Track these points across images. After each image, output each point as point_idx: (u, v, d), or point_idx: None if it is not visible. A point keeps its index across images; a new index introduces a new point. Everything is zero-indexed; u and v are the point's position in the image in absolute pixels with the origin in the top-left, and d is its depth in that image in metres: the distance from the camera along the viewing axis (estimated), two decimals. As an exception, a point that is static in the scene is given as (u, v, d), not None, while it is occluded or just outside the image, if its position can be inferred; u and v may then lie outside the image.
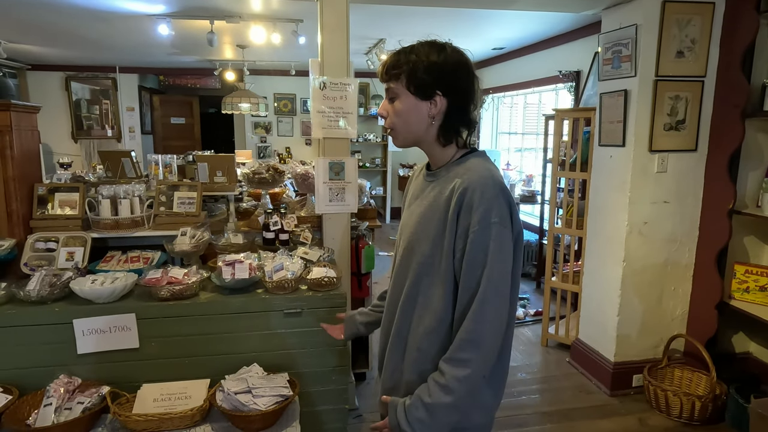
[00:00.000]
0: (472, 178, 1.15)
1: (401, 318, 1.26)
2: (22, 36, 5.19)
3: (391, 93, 1.23)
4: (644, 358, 3.13)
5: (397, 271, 1.29)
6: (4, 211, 2.30)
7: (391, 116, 1.24)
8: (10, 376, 1.95)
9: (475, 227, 1.12)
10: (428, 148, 1.27)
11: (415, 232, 1.23)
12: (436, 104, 1.19)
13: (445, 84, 1.18)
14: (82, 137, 7.68)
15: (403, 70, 1.18)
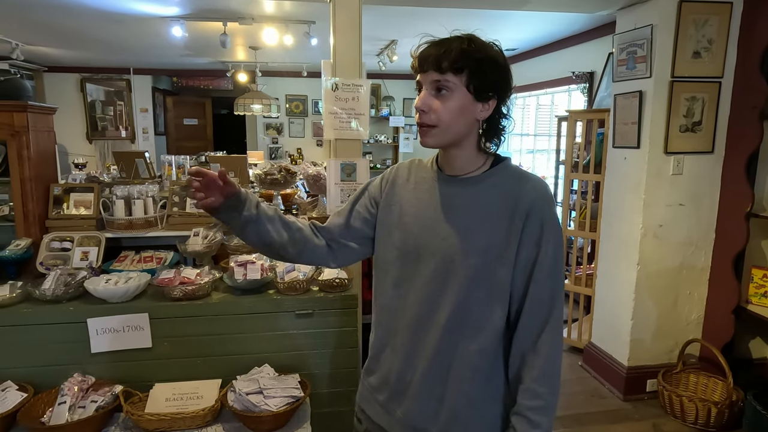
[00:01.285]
0: (538, 188, 1.11)
1: (445, 340, 1.12)
2: (39, 38, 5.27)
3: (441, 85, 1.07)
4: (658, 362, 3.09)
5: (419, 286, 1.15)
6: (20, 210, 2.33)
7: (437, 112, 1.08)
8: (26, 374, 1.97)
9: (548, 237, 1.09)
10: (460, 151, 1.14)
11: (458, 243, 1.10)
12: (488, 107, 1.10)
13: (501, 87, 1.11)
14: (97, 138, 7.78)
15: (469, 64, 1.05)
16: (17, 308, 2.01)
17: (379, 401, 1.24)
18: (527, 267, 1.10)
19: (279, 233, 1.23)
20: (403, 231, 1.19)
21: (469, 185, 1.15)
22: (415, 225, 1.18)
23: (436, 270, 1.12)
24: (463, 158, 1.15)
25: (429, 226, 1.15)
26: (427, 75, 1.08)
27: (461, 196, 1.14)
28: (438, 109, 1.08)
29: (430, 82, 1.08)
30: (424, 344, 1.15)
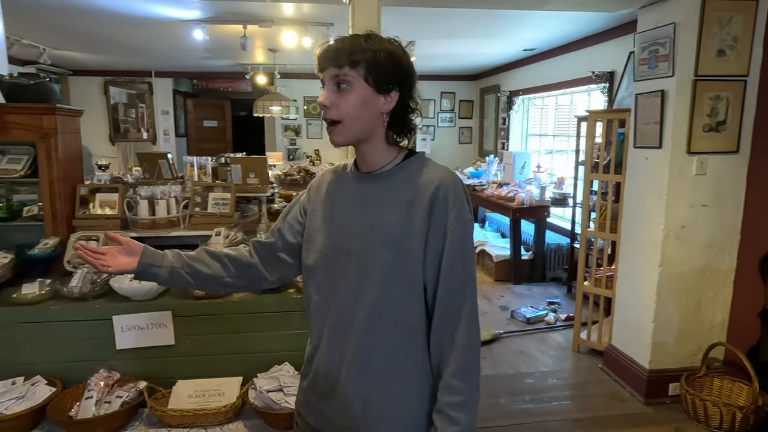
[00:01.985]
0: (442, 177, 1.11)
1: (366, 337, 1.11)
2: (65, 43, 5.40)
3: (341, 79, 1.08)
4: (681, 366, 3.04)
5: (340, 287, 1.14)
6: (49, 210, 2.39)
7: (338, 107, 1.09)
8: (54, 369, 2.03)
9: (453, 225, 1.08)
10: (369, 147, 1.15)
11: (371, 239, 1.11)
12: (391, 99, 1.11)
13: (401, 79, 1.12)
14: (119, 140, 7.93)
15: (365, 57, 1.07)
16: (46, 305, 2.07)
17: (312, 402, 1.23)
18: (436, 257, 1.09)
19: (209, 266, 1.27)
20: (324, 233, 1.19)
21: (380, 180, 1.15)
22: (334, 225, 1.18)
23: (353, 268, 1.12)
24: (374, 154, 1.16)
25: (345, 224, 1.16)
26: (327, 72, 1.10)
27: (373, 191, 1.15)
28: (339, 104, 1.09)
29: (330, 78, 1.09)
30: (346, 344, 1.13)
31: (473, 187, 6.26)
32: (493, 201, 5.60)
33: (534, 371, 3.42)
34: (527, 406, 3.01)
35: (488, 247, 5.65)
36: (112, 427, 1.86)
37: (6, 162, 2.41)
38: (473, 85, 8.43)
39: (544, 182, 5.39)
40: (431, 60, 6.54)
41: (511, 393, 3.14)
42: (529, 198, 5.07)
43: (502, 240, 5.99)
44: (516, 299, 4.79)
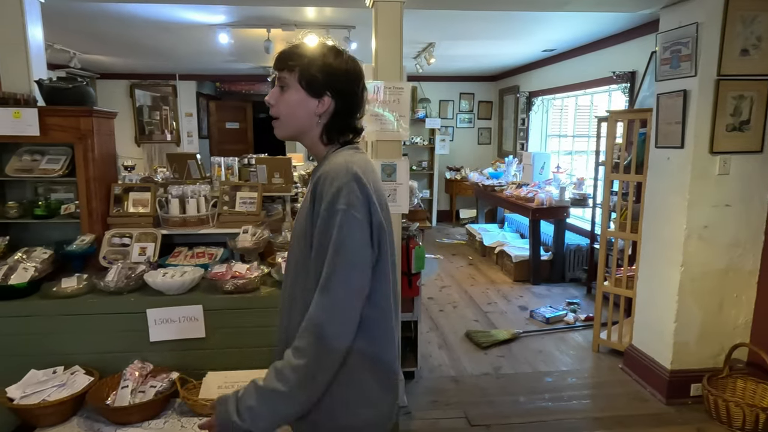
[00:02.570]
0: (325, 169, 1.16)
1: (285, 320, 1.23)
2: (94, 47, 5.58)
3: (281, 82, 1.21)
4: (703, 366, 3.03)
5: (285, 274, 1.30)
6: (85, 208, 2.50)
7: (278, 105, 1.22)
8: (92, 360, 2.12)
9: (322, 214, 1.11)
10: (310, 144, 1.26)
11: (294, 232, 1.25)
12: (324, 104, 1.21)
13: (335, 86, 1.21)
14: (144, 141, 8.13)
15: (298, 63, 1.19)
16: (84, 299, 2.17)
17: None
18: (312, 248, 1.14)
19: None
20: None
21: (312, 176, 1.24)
22: None
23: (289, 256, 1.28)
24: (314, 150, 1.28)
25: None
26: (276, 73, 1.23)
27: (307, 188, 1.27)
28: (278, 102, 1.22)
29: (276, 79, 1.23)
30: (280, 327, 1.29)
31: (492, 188, 6.28)
32: (512, 201, 5.61)
33: (553, 370, 3.44)
34: (546, 404, 3.03)
35: (507, 247, 5.66)
36: (146, 414, 1.94)
37: (45, 162, 2.53)
38: (492, 86, 8.43)
39: (563, 183, 5.39)
40: (450, 61, 6.58)
41: (530, 391, 3.16)
42: (548, 198, 5.07)
43: (521, 241, 5.99)
44: (535, 299, 4.79)
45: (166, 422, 1.94)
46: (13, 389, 1.94)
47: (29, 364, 2.04)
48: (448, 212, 8.50)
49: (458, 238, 7.33)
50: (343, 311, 1.09)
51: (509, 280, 5.40)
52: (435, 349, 3.76)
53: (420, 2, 2.98)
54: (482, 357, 3.61)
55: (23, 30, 2.61)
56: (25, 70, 2.64)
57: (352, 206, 1.09)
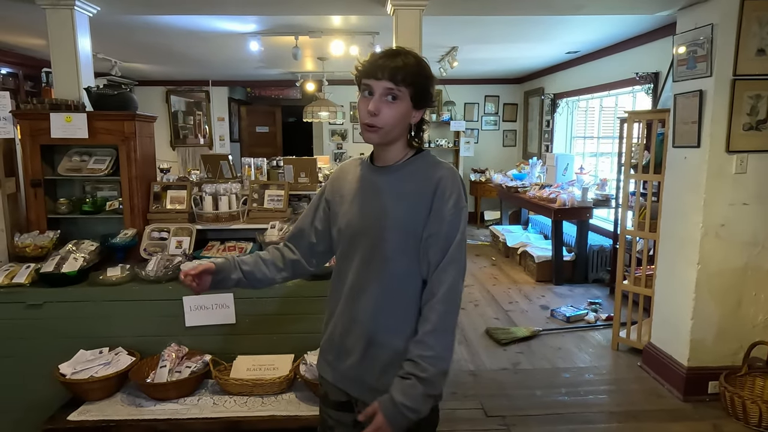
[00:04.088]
0: (441, 173, 1.32)
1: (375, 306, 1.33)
2: (134, 56, 5.91)
3: (392, 93, 1.27)
4: (721, 364, 3.04)
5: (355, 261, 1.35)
6: (128, 205, 2.72)
7: (386, 115, 1.28)
8: (134, 342, 2.32)
9: (452, 211, 1.29)
10: (393, 147, 1.36)
11: (381, 222, 1.31)
12: (419, 114, 1.35)
13: (432, 100, 1.36)
14: (179, 145, 8.49)
15: (417, 81, 1.29)
16: (127, 287, 2.37)
17: (328, 361, 1.45)
18: (430, 239, 1.29)
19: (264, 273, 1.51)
20: (344, 217, 1.40)
21: (390, 173, 1.37)
22: (351, 210, 1.39)
23: (366, 246, 1.34)
24: (393, 152, 1.37)
25: (361, 209, 1.37)
26: (381, 83, 1.27)
27: (384, 182, 1.36)
28: (387, 112, 1.28)
29: (383, 90, 1.27)
30: (357, 310, 1.35)
31: (516, 189, 6.33)
32: (535, 202, 5.66)
33: (571, 366, 3.50)
34: (563, 398, 3.10)
35: (530, 248, 5.71)
36: (182, 392, 2.12)
37: (93, 162, 2.76)
38: (517, 88, 8.47)
39: (586, 184, 5.41)
40: (474, 64, 6.67)
41: (547, 386, 3.23)
42: (570, 199, 5.11)
43: (545, 241, 6.03)
44: (557, 299, 4.83)
45: (200, 399, 2.12)
46: (65, 366, 2.15)
47: (79, 344, 2.26)
48: (472, 214, 8.56)
49: (482, 240, 7.39)
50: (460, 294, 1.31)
51: (531, 280, 5.45)
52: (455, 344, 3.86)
53: (438, 9, 3.11)
54: (501, 353, 3.69)
55: (74, 42, 2.87)
56: (75, 78, 2.89)
57: (467, 205, 1.34)
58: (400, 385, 1.24)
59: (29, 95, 5.59)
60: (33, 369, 2.27)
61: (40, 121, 2.59)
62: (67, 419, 1.99)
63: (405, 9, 2.89)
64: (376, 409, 1.24)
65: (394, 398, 1.22)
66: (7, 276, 2.35)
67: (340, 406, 1.44)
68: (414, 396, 1.22)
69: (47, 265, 2.36)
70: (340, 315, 1.40)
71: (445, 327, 1.27)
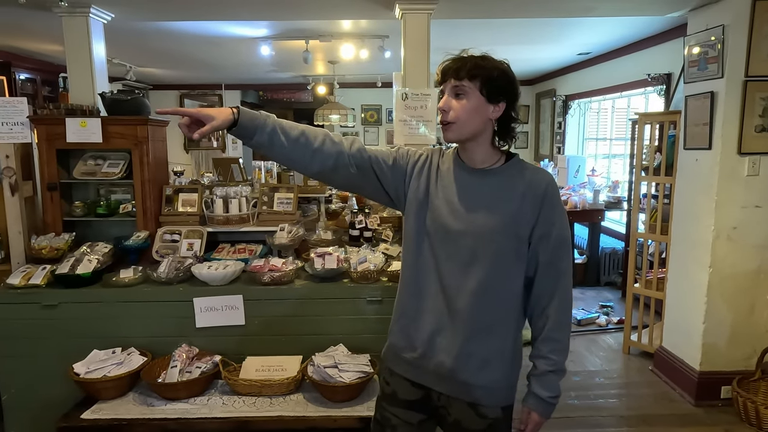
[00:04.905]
0: (549, 178, 1.39)
1: (475, 304, 1.36)
2: (149, 61, 6.00)
3: (459, 90, 1.32)
4: (734, 369, 3.00)
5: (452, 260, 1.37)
6: (140, 208, 2.77)
7: (456, 111, 1.33)
8: (145, 343, 2.36)
9: (561, 218, 1.38)
10: (477, 146, 1.38)
11: (486, 224, 1.34)
12: (498, 108, 1.35)
13: (509, 92, 1.36)
14: (193, 148, 8.59)
15: (481, 73, 1.31)
16: (139, 288, 2.42)
17: (408, 359, 1.45)
18: (541, 240, 1.36)
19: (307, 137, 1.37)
20: (432, 211, 1.41)
21: (491, 176, 1.40)
22: (444, 207, 1.39)
23: (466, 246, 1.36)
24: (481, 153, 1.40)
25: (458, 209, 1.38)
26: (448, 83, 1.34)
27: (485, 184, 1.39)
28: (456, 108, 1.33)
29: (450, 88, 1.34)
30: (455, 308, 1.38)
31: (527, 192, 6.29)
32: (546, 205, 5.62)
33: (581, 370, 3.47)
34: (572, 401, 3.09)
35: (541, 250, 5.67)
36: (192, 392, 2.16)
37: (107, 166, 2.82)
38: (529, 90, 8.43)
39: (598, 186, 5.37)
40: (485, 67, 6.64)
41: (556, 389, 3.22)
42: (582, 201, 5.08)
43: (556, 244, 5.98)
44: (568, 302, 4.80)
45: (210, 399, 2.15)
46: (78, 366, 2.20)
47: (92, 344, 2.31)
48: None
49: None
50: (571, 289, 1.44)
51: (542, 282, 5.41)
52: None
53: (447, 12, 3.12)
54: (510, 356, 3.68)
55: (89, 48, 2.93)
56: (90, 84, 2.96)
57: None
58: (541, 382, 1.39)
59: (47, 100, 5.71)
60: (48, 368, 2.32)
61: (56, 125, 2.66)
62: (81, 417, 2.03)
63: (413, 13, 2.91)
64: (528, 412, 1.41)
65: (541, 396, 1.38)
66: (24, 277, 2.41)
67: (411, 404, 1.47)
68: (555, 386, 1.39)
69: (62, 266, 2.41)
70: (431, 313, 1.41)
71: (564, 321, 1.40)
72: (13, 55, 5.22)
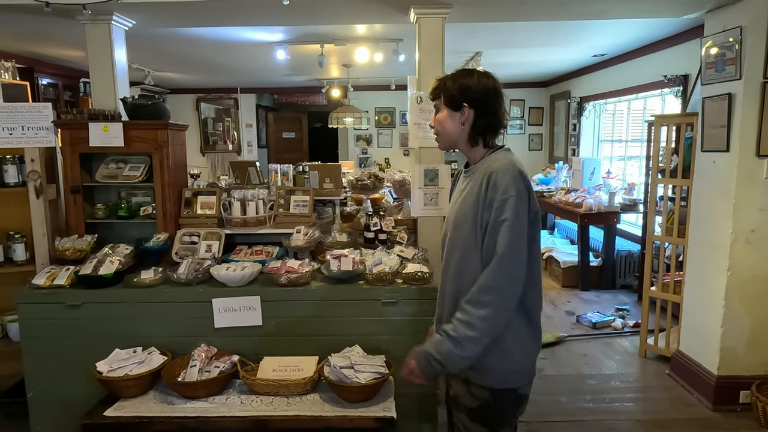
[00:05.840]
0: (496, 165, 1.50)
1: (453, 284, 1.56)
2: (166, 66, 6.11)
3: (435, 108, 1.64)
4: (754, 373, 2.97)
5: (447, 249, 1.61)
6: (160, 210, 2.83)
7: (436, 125, 1.64)
8: (165, 342, 2.41)
9: (498, 200, 1.45)
10: (463, 149, 1.63)
11: (458, 218, 1.55)
12: (464, 114, 1.57)
13: (470, 99, 1.56)
14: (209, 151, 8.71)
15: (441, 89, 1.60)
16: (159, 288, 2.47)
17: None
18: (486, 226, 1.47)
19: None
20: (447, 215, 1.70)
21: (471, 173, 1.61)
22: (450, 209, 1.68)
23: (449, 237, 1.60)
24: (467, 153, 1.64)
25: (451, 208, 1.65)
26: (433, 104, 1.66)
27: (465, 182, 1.61)
28: (436, 122, 1.65)
29: (434, 107, 1.66)
30: (444, 291, 1.63)
31: (541, 194, 6.27)
32: (561, 207, 5.61)
33: (597, 373, 3.46)
34: (587, 405, 3.07)
35: (555, 253, 5.65)
36: (211, 391, 2.20)
37: (128, 170, 2.88)
38: (543, 91, 8.40)
39: (613, 188, 5.33)
40: (499, 69, 6.57)
41: (571, 392, 3.21)
42: (597, 204, 5.05)
43: (571, 246, 5.96)
44: (583, 305, 4.78)
45: (228, 398, 2.19)
46: (101, 364, 2.26)
47: (114, 343, 2.37)
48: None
49: (507, 244, 7.33)
50: (516, 275, 1.45)
51: (557, 285, 5.40)
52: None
53: (461, 16, 3.14)
54: (525, 358, 3.67)
55: (111, 55, 3.01)
56: (112, 89, 3.03)
57: (520, 194, 1.45)
58: (434, 339, 1.52)
59: (68, 105, 5.84)
60: (71, 366, 2.39)
61: (80, 130, 2.73)
62: (104, 415, 2.09)
63: (428, 17, 2.93)
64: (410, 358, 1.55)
65: (426, 348, 1.51)
66: (49, 278, 2.47)
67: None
68: (441, 349, 1.47)
69: (85, 267, 2.47)
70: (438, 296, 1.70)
71: (479, 298, 1.45)
72: (36, 61, 5.35)
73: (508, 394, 1.54)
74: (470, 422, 1.56)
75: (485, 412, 1.54)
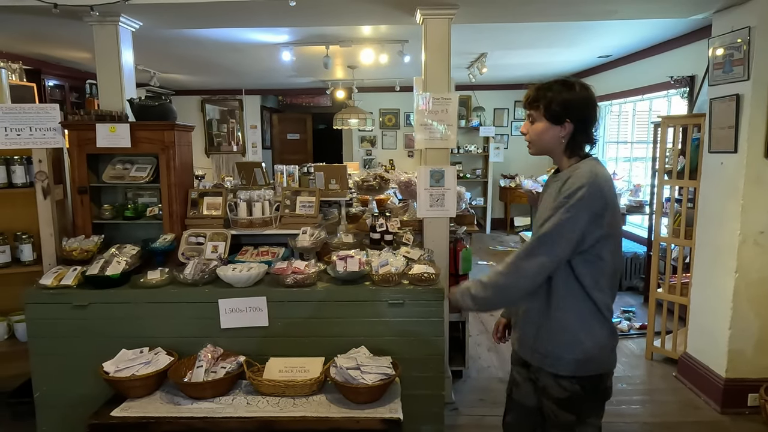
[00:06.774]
0: (573, 172, 1.58)
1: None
2: (172, 67, 6.13)
3: (531, 117, 1.67)
4: (762, 376, 2.95)
5: None
6: (167, 211, 2.83)
7: (530, 134, 1.69)
8: (172, 343, 2.41)
9: (560, 200, 1.54)
10: (556, 158, 1.70)
11: (538, 219, 1.64)
12: (565, 128, 1.61)
13: (572, 114, 1.60)
14: (213, 152, 8.73)
15: (541, 102, 1.61)
16: (166, 289, 2.47)
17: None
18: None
19: None
20: None
21: (557, 178, 1.67)
22: None
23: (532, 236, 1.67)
24: (560, 162, 1.70)
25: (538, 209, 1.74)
26: (526, 111, 1.70)
27: (551, 185, 1.68)
28: (531, 131, 1.69)
29: (526, 115, 1.71)
30: None
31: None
32: (566, 208, 5.58)
33: (603, 375, 3.43)
34: (594, 407, 3.05)
35: (561, 254, 5.62)
36: (217, 391, 2.20)
37: (135, 170, 2.89)
38: (548, 93, 8.37)
39: (619, 189, 5.31)
40: (504, 70, 6.65)
41: (578, 394, 3.19)
42: (603, 205, 5.02)
43: (576, 248, 5.92)
44: (588, 307, 4.75)
45: (234, 399, 2.19)
46: (108, 364, 2.26)
47: (121, 344, 2.37)
48: (502, 220, 8.50)
49: (512, 246, 7.33)
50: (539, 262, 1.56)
51: (562, 287, 5.37)
52: (484, 351, 3.85)
53: (467, 17, 3.14)
54: (531, 360, 3.66)
55: (118, 56, 3.02)
56: (119, 90, 3.04)
57: (585, 201, 1.51)
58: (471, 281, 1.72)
59: (74, 106, 5.87)
60: (78, 366, 2.39)
61: (87, 131, 2.73)
62: (111, 415, 2.09)
63: (434, 18, 2.93)
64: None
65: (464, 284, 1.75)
66: (56, 278, 2.48)
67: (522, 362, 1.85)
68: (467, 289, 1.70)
69: (92, 268, 2.48)
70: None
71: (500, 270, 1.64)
72: (43, 62, 5.39)
73: (590, 383, 1.63)
74: (559, 410, 1.67)
75: (572, 401, 1.64)
